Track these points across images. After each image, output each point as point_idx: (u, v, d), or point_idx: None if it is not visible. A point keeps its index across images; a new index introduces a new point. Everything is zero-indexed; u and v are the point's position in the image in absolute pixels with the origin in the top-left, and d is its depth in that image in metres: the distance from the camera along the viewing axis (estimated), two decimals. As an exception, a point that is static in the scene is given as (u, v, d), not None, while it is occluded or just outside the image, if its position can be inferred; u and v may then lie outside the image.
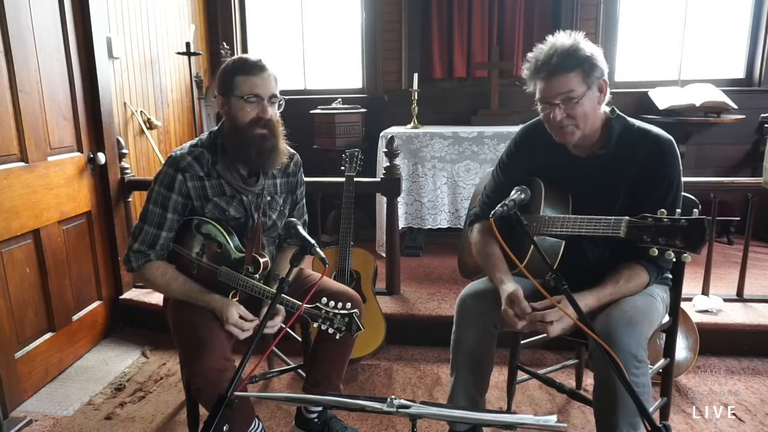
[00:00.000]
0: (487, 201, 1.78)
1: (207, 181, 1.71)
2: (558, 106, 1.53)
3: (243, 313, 1.66)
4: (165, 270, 1.72)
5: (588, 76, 1.52)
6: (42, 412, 2.27)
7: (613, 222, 1.42)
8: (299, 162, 1.93)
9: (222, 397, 1.22)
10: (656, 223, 1.32)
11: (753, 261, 3.17)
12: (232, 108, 1.66)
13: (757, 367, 2.50)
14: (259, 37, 4.62)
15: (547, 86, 1.54)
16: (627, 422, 1.43)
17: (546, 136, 1.64)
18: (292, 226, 1.56)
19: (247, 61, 1.65)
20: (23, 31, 2.31)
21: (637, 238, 1.35)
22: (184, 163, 1.69)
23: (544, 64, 1.53)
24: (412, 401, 1.04)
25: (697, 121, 3.76)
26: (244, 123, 1.65)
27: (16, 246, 2.31)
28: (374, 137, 3.68)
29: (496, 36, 4.21)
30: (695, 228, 1.25)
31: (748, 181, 2.85)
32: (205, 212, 1.72)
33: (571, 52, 1.51)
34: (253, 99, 1.64)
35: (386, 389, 2.40)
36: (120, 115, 3.14)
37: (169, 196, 1.69)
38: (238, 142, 1.67)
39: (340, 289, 1.91)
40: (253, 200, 1.78)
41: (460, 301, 1.72)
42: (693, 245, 1.26)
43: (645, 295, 1.60)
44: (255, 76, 1.63)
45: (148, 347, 2.82)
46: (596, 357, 1.49)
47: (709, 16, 4.13)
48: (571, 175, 1.65)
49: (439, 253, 3.78)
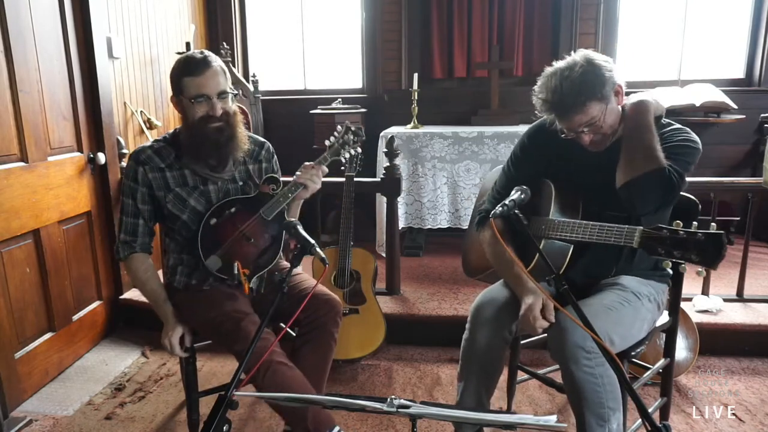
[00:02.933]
0: (497, 197, 1.76)
1: (168, 172, 1.79)
2: (583, 132, 1.54)
3: (184, 339, 1.78)
4: (147, 267, 1.83)
5: (602, 96, 1.50)
6: (42, 412, 2.27)
7: (626, 231, 1.40)
8: (271, 150, 1.99)
9: (222, 397, 1.22)
10: (671, 235, 1.28)
11: (753, 261, 3.17)
12: (184, 108, 1.73)
13: (757, 367, 2.50)
14: (259, 37, 4.61)
15: (568, 123, 1.53)
16: (593, 414, 1.44)
17: (558, 130, 1.61)
18: (292, 226, 1.56)
19: (192, 60, 1.68)
20: (23, 30, 2.31)
21: (651, 250, 1.32)
22: (144, 156, 1.78)
23: (557, 106, 1.51)
24: (412, 401, 1.04)
25: (697, 121, 3.75)
26: (195, 121, 1.71)
27: (16, 246, 2.31)
28: (374, 137, 3.68)
29: (496, 36, 4.21)
30: (712, 243, 1.21)
31: (748, 181, 2.85)
32: (167, 202, 1.77)
33: (580, 87, 1.47)
34: (201, 99, 1.69)
35: (386, 389, 2.40)
36: (120, 115, 3.14)
37: (135, 188, 1.78)
38: (194, 139, 1.74)
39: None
40: (223, 187, 1.83)
41: (476, 307, 1.70)
42: (709, 261, 1.21)
43: (625, 292, 1.58)
44: (200, 76, 1.67)
45: (148, 347, 2.82)
46: (552, 350, 1.51)
47: (709, 16, 4.13)
48: (586, 167, 1.63)
49: (439, 253, 3.78)
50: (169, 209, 1.78)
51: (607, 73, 1.51)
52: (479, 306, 1.70)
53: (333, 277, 2.50)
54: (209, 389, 1.97)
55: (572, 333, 1.43)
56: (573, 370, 1.42)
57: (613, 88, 1.53)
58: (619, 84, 1.55)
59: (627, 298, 1.57)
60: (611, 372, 1.39)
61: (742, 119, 3.77)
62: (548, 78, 1.53)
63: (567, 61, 1.53)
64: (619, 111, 1.58)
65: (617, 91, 1.55)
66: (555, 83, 1.50)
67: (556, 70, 1.53)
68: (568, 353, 1.43)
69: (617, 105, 1.57)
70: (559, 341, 1.45)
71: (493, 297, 1.70)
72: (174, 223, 1.80)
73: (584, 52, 1.54)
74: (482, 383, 1.67)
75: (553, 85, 1.50)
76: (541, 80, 1.56)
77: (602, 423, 1.45)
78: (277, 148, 2.03)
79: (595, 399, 1.43)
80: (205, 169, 1.79)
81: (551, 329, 1.51)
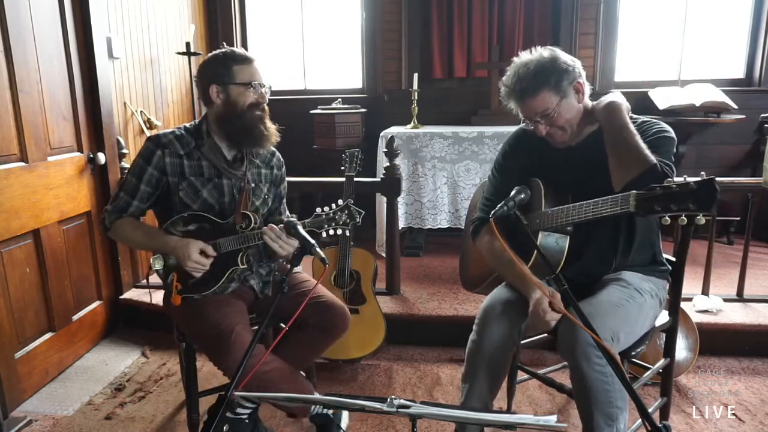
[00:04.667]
0: (488, 204, 1.78)
1: (186, 161, 1.79)
2: (539, 122, 1.60)
3: (203, 247, 1.71)
4: (132, 222, 1.82)
5: (558, 88, 1.56)
6: (42, 412, 2.27)
7: (621, 198, 1.40)
8: (282, 160, 2.04)
9: (222, 397, 1.22)
10: (665, 191, 1.29)
11: (753, 261, 3.17)
12: (231, 94, 1.76)
13: (757, 367, 2.50)
14: (259, 37, 4.61)
15: (523, 108, 1.62)
16: (602, 413, 1.44)
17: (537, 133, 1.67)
18: (292, 226, 1.56)
19: (238, 52, 1.79)
20: (23, 30, 2.31)
21: (648, 209, 1.33)
22: (165, 140, 1.78)
23: (513, 91, 1.60)
24: (412, 401, 1.04)
25: (697, 121, 3.75)
26: (245, 107, 1.76)
27: (16, 246, 2.31)
28: (374, 137, 3.68)
29: (496, 36, 4.21)
30: (705, 188, 1.23)
31: (748, 181, 2.85)
32: (179, 190, 1.78)
33: (535, 74, 1.56)
34: (254, 85, 1.77)
35: (386, 389, 2.40)
36: (120, 115, 3.13)
37: (145, 168, 1.77)
38: (239, 124, 1.77)
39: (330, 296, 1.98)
40: (236, 184, 1.84)
41: (485, 308, 1.70)
42: (705, 205, 1.23)
43: (628, 289, 1.59)
44: (250, 65, 1.78)
45: (148, 347, 2.82)
46: (563, 349, 1.50)
47: (709, 16, 4.12)
48: (568, 164, 1.65)
49: (439, 253, 3.78)
50: (180, 197, 1.78)
51: (565, 66, 1.57)
52: (488, 307, 1.70)
53: (333, 277, 2.50)
54: (209, 389, 1.98)
55: (583, 332, 1.42)
56: (584, 368, 1.42)
57: (572, 83, 1.58)
58: (580, 82, 1.60)
59: (631, 295, 1.58)
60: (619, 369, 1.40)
61: (742, 119, 3.77)
62: (512, 67, 1.63)
63: (531, 52, 1.62)
64: (580, 108, 1.62)
65: (577, 88, 1.59)
66: (515, 70, 1.61)
67: (520, 59, 1.62)
68: (579, 352, 1.42)
69: (577, 103, 1.61)
70: (571, 340, 1.45)
71: (501, 297, 1.71)
72: (182, 211, 1.81)
73: (550, 48, 1.62)
74: (487, 384, 1.67)
75: (513, 72, 1.61)
76: (508, 70, 1.65)
77: (611, 422, 1.45)
78: (277, 148, 2.04)
79: (605, 398, 1.43)
80: (223, 163, 1.81)
81: (562, 328, 1.50)
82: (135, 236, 1.81)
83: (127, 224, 1.80)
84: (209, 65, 1.78)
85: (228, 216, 1.78)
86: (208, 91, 1.77)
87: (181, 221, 1.77)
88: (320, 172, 3.08)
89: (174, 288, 1.74)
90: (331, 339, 1.91)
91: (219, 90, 1.77)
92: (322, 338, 1.90)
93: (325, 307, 1.86)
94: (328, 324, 1.87)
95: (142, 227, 1.81)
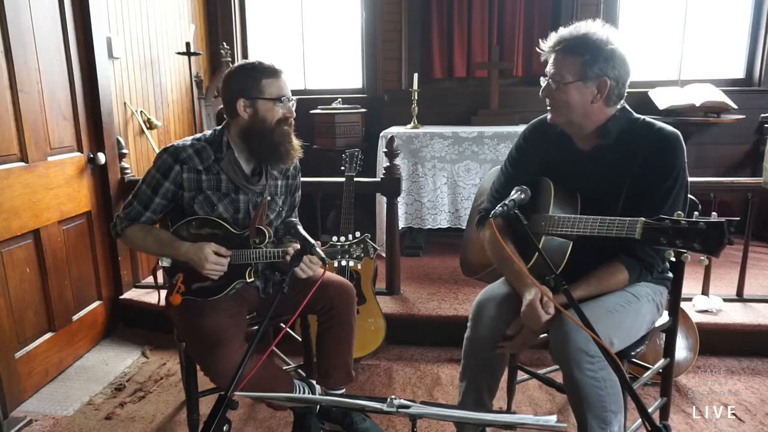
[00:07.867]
0: (497, 196, 1.76)
1: (204, 175, 1.75)
2: (548, 82, 1.57)
3: (217, 249, 1.69)
4: (143, 228, 1.79)
5: (585, 68, 1.50)
6: (42, 412, 2.27)
7: (628, 224, 1.38)
8: (299, 167, 1.98)
9: (222, 397, 1.22)
10: (673, 225, 1.28)
11: (753, 261, 3.17)
12: (259, 110, 1.71)
13: (757, 367, 2.50)
14: (259, 37, 4.61)
15: (549, 60, 1.58)
16: (595, 417, 1.44)
17: (553, 130, 1.65)
18: (292, 226, 1.57)
19: (267, 65, 1.73)
20: (23, 31, 2.31)
21: (654, 240, 1.31)
22: (185, 155, 1.74)
23: (555, 39, 1.56)
24: (412, 401, 1.04)
25: (697, 121, 3.75)
26: (273, 122, 1.72)
27: (16, 246, 2.31)
28: (374, 137, 3.68)
29: (496, 36, 4.21)
30: (714, 231, 1.21)
31: (748, 181, 2.85)
32: (194, 204, 1.75)
33: (580, 39, 1.52)
34: (284, 100, 1.73)
35: (386, 389, 2.40)
36: (120, 115, 3.14)
37: (162, 183, 1.74)
38: (267, 141, 1.73)
39: (339, 278, 1.97)
40: (252, 199, 1.81)
41: (478, 304, 1.70)
42: (712, 248, 1.22)
43: (624, 293, 1.58)
44: (279, 78, 1.73)
45: (148, 347, 2.82)
46: (554, 354, 1.50)
47: (709, 16, 4.12)
48: (578, 169, 1.63)
49: (439, 253, 3.78)
50: (195, 209, 1.76)
51: (606, 56, 1.50)
52: (480, 303, 1.70)
53: (333, 277, 2.50)
54: (209, 389, 1.97)
55: (575, 337, 1.42)
56: (576, 374, 1.42)
57: (602, 75, 1.51)
58: (608, 82, 1.52)
59: (627, 300, 1.57)
60: (614, 376, 1.39)
61: (742, 119, 3.77)
62: (577, 23, 1.58)
63: (603, 25, 1.56)
64: (587, 105, 1.54)
65: (600, 85, 1.52)
66: (576, 26, 1.56)
67: (588, 23, 1.57)
68: (570, 357, 1.42)
69: (590, 101, 1.54)
70: (562, 345, 1.45)
71: (494, 294, 1.71)
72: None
73: (616, 38, 1.54)
74: (484, 382, 1.67)
75: (573, 27, 1.56)
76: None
77: (604, 426, 1.45)
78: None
79: (598, 402, 1.43)
80: (242, 179, 1.77)
81: (553, 332, 1.50)
82: (146, 243, 1.78)
83: (138, 230, 1.78)
84: (237, 78, 1.72)
85: (242, 229, 1.75)
86: (235, 105, 1.71)
87: (194, 223, 1.75)
88: (320, 172, 3.08)
89: (176, 288, 1.74)
90: (345, 316, 1.87)
91: (246, 104, 1.71)
92: (336, 320, 1.87)
93: (324, 288, 1.80)
94: (334, 302, 1.85)
95: (153, 233, 1.78)
